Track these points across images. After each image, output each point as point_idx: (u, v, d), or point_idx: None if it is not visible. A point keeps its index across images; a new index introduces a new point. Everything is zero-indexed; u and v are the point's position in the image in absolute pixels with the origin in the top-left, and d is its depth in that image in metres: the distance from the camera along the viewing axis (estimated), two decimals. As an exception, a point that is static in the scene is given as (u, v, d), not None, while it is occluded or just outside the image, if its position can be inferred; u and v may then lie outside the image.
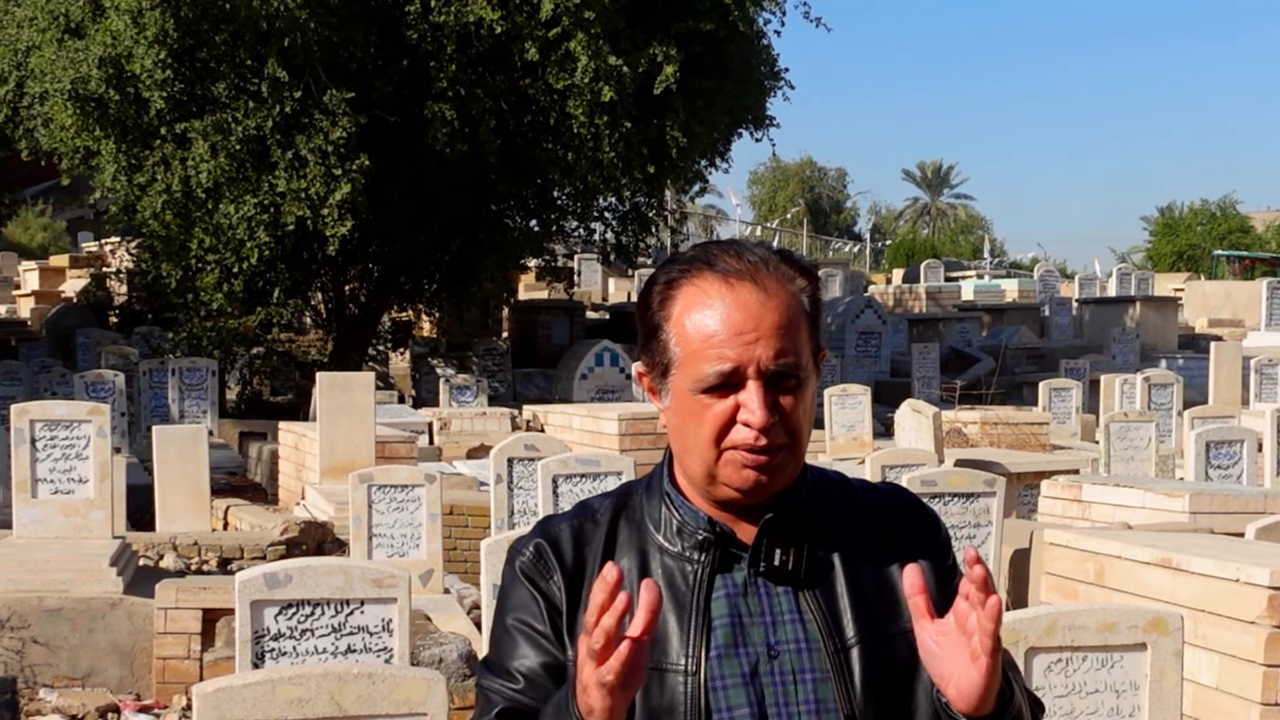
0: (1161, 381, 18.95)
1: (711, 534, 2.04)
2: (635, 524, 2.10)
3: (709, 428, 1.99)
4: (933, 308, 33.03)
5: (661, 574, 2.04)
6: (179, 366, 18.20)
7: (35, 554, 9.38)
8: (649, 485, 2.13)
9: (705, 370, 1.97)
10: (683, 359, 2.00)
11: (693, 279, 2.01)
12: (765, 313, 1.99)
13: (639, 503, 2.12)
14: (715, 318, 1.98)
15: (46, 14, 17.57)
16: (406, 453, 13.13)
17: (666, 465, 2.12)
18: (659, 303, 2.04)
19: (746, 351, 1.97)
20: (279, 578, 5.85)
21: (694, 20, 18.34)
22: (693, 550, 2.04)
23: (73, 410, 10.09)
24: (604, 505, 2.13)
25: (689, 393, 2.00)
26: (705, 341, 1.98)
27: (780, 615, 2.02)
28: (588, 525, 2.11)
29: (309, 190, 17.06)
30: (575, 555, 2.07)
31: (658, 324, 2.04)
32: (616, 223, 21.88)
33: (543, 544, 2.08)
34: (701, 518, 2.05)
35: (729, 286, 1.99)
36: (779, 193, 73.44)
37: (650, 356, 2.06)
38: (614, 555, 2.07)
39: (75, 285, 30.44)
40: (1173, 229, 54.27)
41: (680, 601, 2.02)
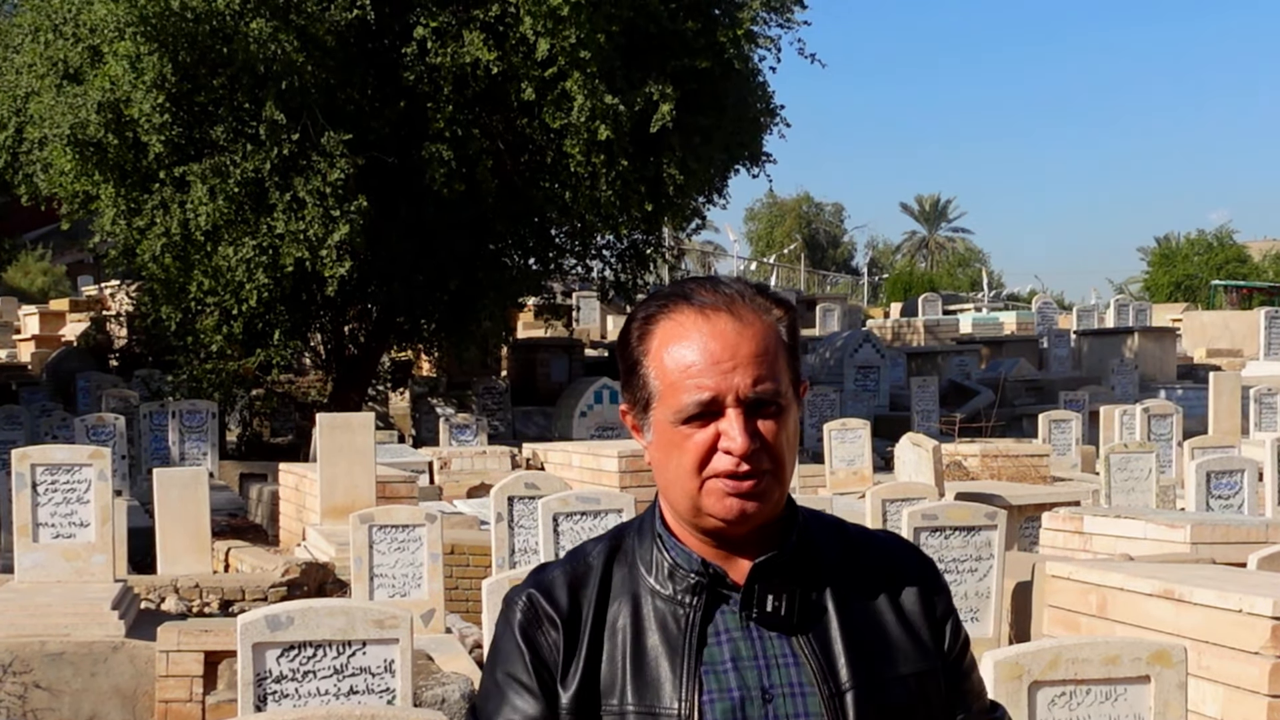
0: (1161, 412, 18.96)
1: (704, 576, 2.03)
2: (628, 567, 2.09)
3: (690, 457, 1.99)
4: (931, 341, 33.05)
5: (654, 618, 2.03)
6: (179, 409, 18.20)
7: (37, 598, 9.36)
8: (641, 527, 2.13)
9: (684, 400, 1.98)
10: (662, 392, 2.01)
11: (669, 314, 2.03)
12: (742, 341, 2.00)
13: (631, 545, 2.11)
14: (692, 349, 2.00)
15: (45, 60, 17.65)
16: (407, 492, 13.13)
17: (657, 506, 2.12)
18: (637, 339, 2.05)
19: (725, 380, 1.98)
20: (281, 620, 5.85)
21: (689, 59, 18.43)
22: (684, 594, 2.04)
23: (73, 454, 10.10)
24: (597, 550, 2.12)
25: (669, 425, 2.00)
26: (683, 373, 1.99)
27: (774, 658, 2.01)
28: (581, 571, 2.09)
29: (307, 232, 17.11)
30: (570, 602, 2.06)
31: (636, 360, 2.05)
32: (615, 260, 21.93)
33: (535, 595, 2.07)
34: (694, 559, 2.04)
35: (705, 318, 2.01)
36: (776, 228, 73.55)
37: (631, 393, 2.07)
38: (608, 600, 2.06)
39: (75, 329, 30.48)
40: (1170, 259, 54.35)
41: (673, 645, 2.01)
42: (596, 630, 2.04)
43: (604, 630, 2.04)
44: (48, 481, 9.80)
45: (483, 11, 17.73)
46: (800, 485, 16.47)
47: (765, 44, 19.92)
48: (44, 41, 17.70)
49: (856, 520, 8.23)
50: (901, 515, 8.94)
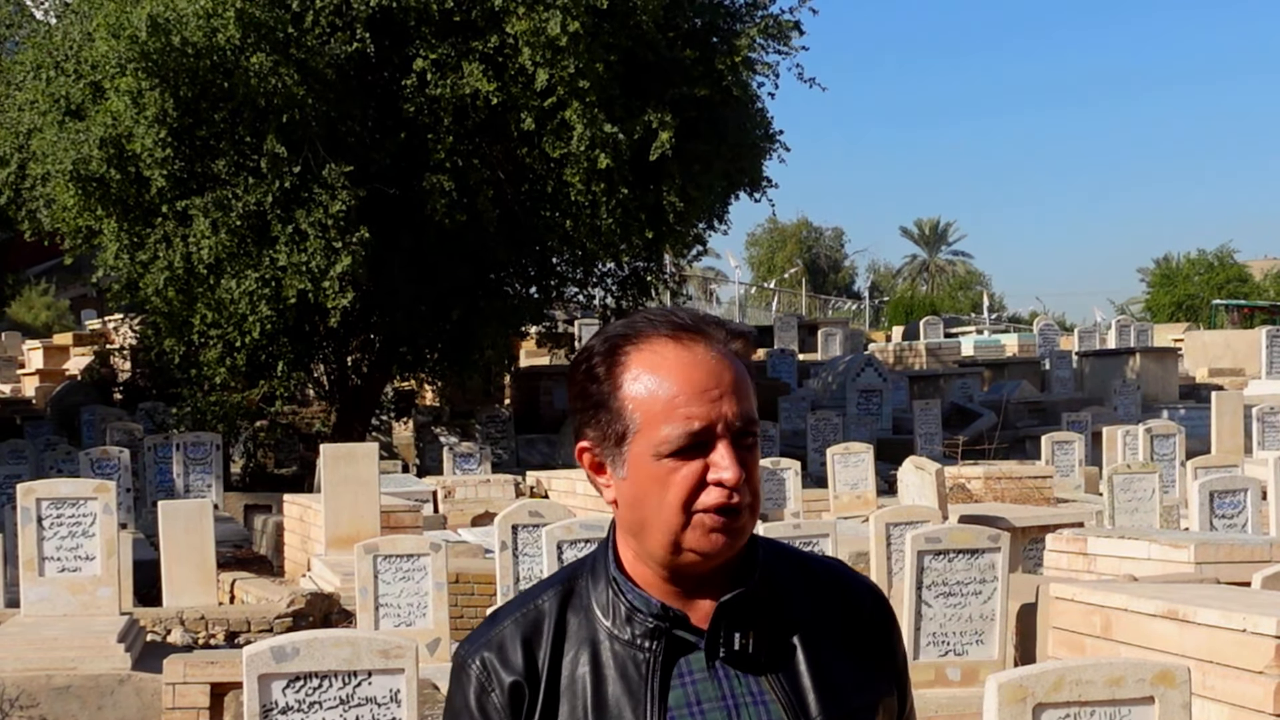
0: (1164, 432, 18.97)
1: (664, 620, 1.97)
2: (583, 611, 2.01)
3: (677, 492, 1.92)
4: (933, 364, 33.06)
5: (613, 663, 1.97)
6: (183, 441, 18.23)
7: (43, 632, 9.39)
8: (594, 568, 2.05)
9: (672, 432, 1.92)
10: (642, 424, 1.94)
11: (640, 344, 1.96)
12: (723, 370, 1.95)
13: (584, 588, 2.03)
14: (675, 378, 1.93)
15: (47, 97, 17.75)
16: (411, 522, 13.15)
17: (611, 547, 2.04)
18: (605, 372, 1.97)
19: (714, 409, 1.93)
20: (286, 651, 5.87)
21: (688, 86, 18.51)
22: (643, 638, 1.97)
23: (78, 488, 10.14)
24: (548, 595, 2.04)
25: (651, 459, 1.93)
26: (669, 403, 1.92)
27: (742, 698, 1.97)
28: (533, 619, 2.02)
29: (310, 263, 17.17)
30: (525, 658, 1.99)
31: (606, 394, 1.96)
32: (616, 288, 21.97)
33: (488, 658, 2.00)
34: (653, 603, 1.98)
35: (683, 346, 1.95)
36: (777, 253, 73.63)
37: (599, 429, 1.98)
38: (563, 650, 1.99)
39: (79, 363, 30.52)
40: (1170, 279, 54.37)
41: (634, 692, 1.95)
42: (552, 684, 1.98)
43: (559, 684, 1.98)
44: (53, 515, 9.83)
45: (482, 43, 17.82)
46: (804, 509, 16.48)
47: (763, 71, 20.02)
48: (46, 78, 17.80)
49: (860, 546, 8.32)
50: (905, 538, 8.96)
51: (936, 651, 8.51)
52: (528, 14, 17.18)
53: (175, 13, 16.34)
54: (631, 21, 17.97)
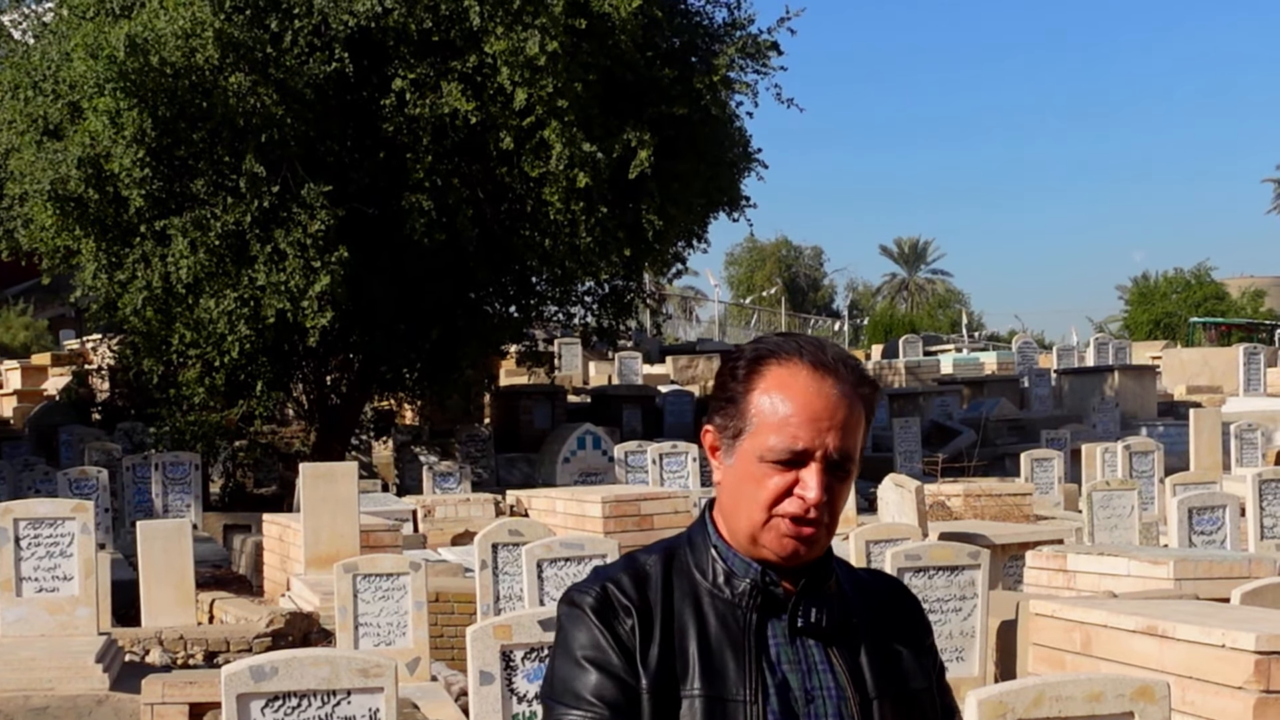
0: (1142, 449, 19.03)
1: (760, 581, 2.25)
2: (684, 573, 2.29)
3: (766, 494, 2.22)
4: (912, 382, 33.11)
5: (714, 616, 2.24)
6: (162, 461, 18.16)
7: (20, 652, 9.34)
8: (691, 540, 2.33)
9: (777, 445, 2.21)
10: (757, 428, 2.23)
11: (782, 362, 2.25)
12: (840, 407, 2.23)
13: (684, 555, 2.31)
14: (796, 401, 2.22)
15: (25, 117, 17.70)
16: (391, 541, 13.10)
17: (709, 522, 2.33)
18: (745, 375, 2.26)
19: (818, 437, 2.21)
20: (265, 670, 5.85)
21: (666, 105, 18.55)
22: (741, 596, 2.25)
23: (56, 508, 10.10)
24: (652, 558, 2.31)
25: (754, 458, 2.23)
26: (783, 420, 2.22)
27: (814, 664, 2.25)
28: (642, 574, 2.28)
29: (289, 283, 17.14)
30: (640, 597, 2.24)
31: (739, 392, 2.26)
32: (596, 306, 21.98)
33: (609, 587, 2.24)
34: (754, 567, 2.25)
35: (816, 376, 2.24)
36: (756, 272, 73.75)
37: (725, 419, 2.28)
38: (673, 598, 2.25)
39: (57, 383, 30.39)
40: (1148, 298, 54.61)
41: (734, 641, 2.22)
42: (666, 623, 2.22)
43: (673, 623, 2.23)
44: (31, 535, 9.80)
45: (460, 63, 17.83)
46: (784, 528, 16.44)
47: (742, 90, 20.05)
48: (24, 98, 17.75)
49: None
50: (885, 556, 8.97)
51: (917, 668, 8.50)
52: (506, 34, 17.21)
53: (153, 33, 16.33)
54: (610, 41, 18.01)
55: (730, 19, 20.52)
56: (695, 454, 18.87)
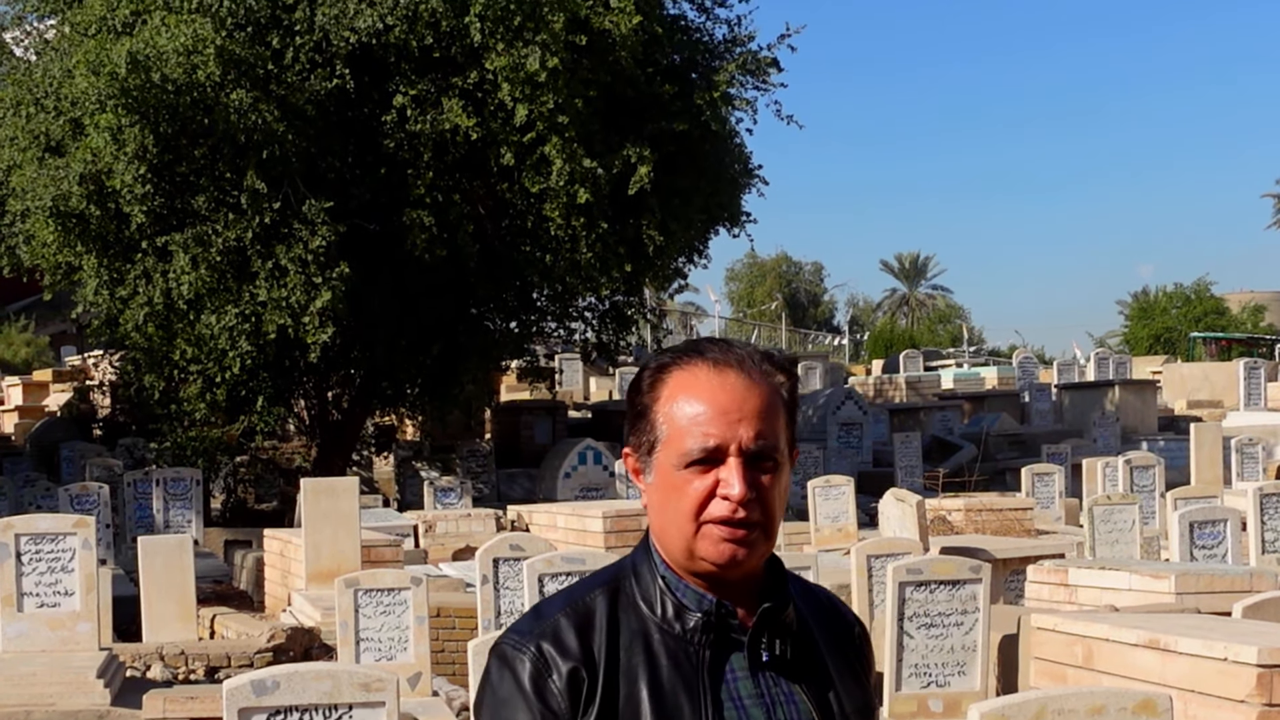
0: (1143, 464, 19.03)
1: (714, 614, 2.13)
2: (631, 608, 2.15)
3: (689, 501, 2.10)
4: (913, 397, 33.12)
5: (665, 655, 2.11)
6: (163, 476, 18.17)
7: (21, 668, 9.34)
8: (635, 570, 2.20)
9: (690, 446, 2.10)
10: (668, 436, 2.13)
11: (683, 366, 2.16)
12: (749, 397, 2.13)
13: (630, 587, 2.18)
14: (702, 399, 2.12)
15: (27, 134, 17.72)
16: (392, 556, 13.11)
17: (651, 549, 2.20)
18: (649, 386, 2.17)
19: (730, 430, 2.10)
20: (267, 685, 5.85)
21: (667, 121, 18.57)
22: (693, 633, 2.13)
23: (58, 523, 10.11)
24: (596, 593, 2.17)
25: (672, 469, 2.12)
26: (691, 420, 2.11)
27: (777, 697, 2.13)
28: (584, 614, 2.14)
29: (290, 299, 17.16)
30: (581, 646, 2.10)
31: (647, 405, 2.16)
32: (596, 322, 21.99)
33: (545, 646, 2.10)
34: (706, 599, 2.14)
35: (717, 372, 2.14)
36: (757, 288, 73.80)
37: (638, 437, 2.18)
38: (619, 640, 2.12)
39: (59, 399, 30.41)
40: (1148, 313, 54.63)
41: (688, 681, 2.09)
42: (611, 672, 2.09)
43: (619, 671, 2.09)
44: (32, 551, 9.80)
45: (461, 79, 17.87)
46: (785, 542, 16.47)
47: (742, 106, 20.08)
48: (26, 115, 17.78)
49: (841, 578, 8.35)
50: (886, 570, 8.97)
51: (918, 683, 8.51)
52: (507, 50, 17.25)
53: (155, 49, 16.36)
54: (611, 57, 18.05)
55: (730, 36, 20.57)
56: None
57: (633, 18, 17.50)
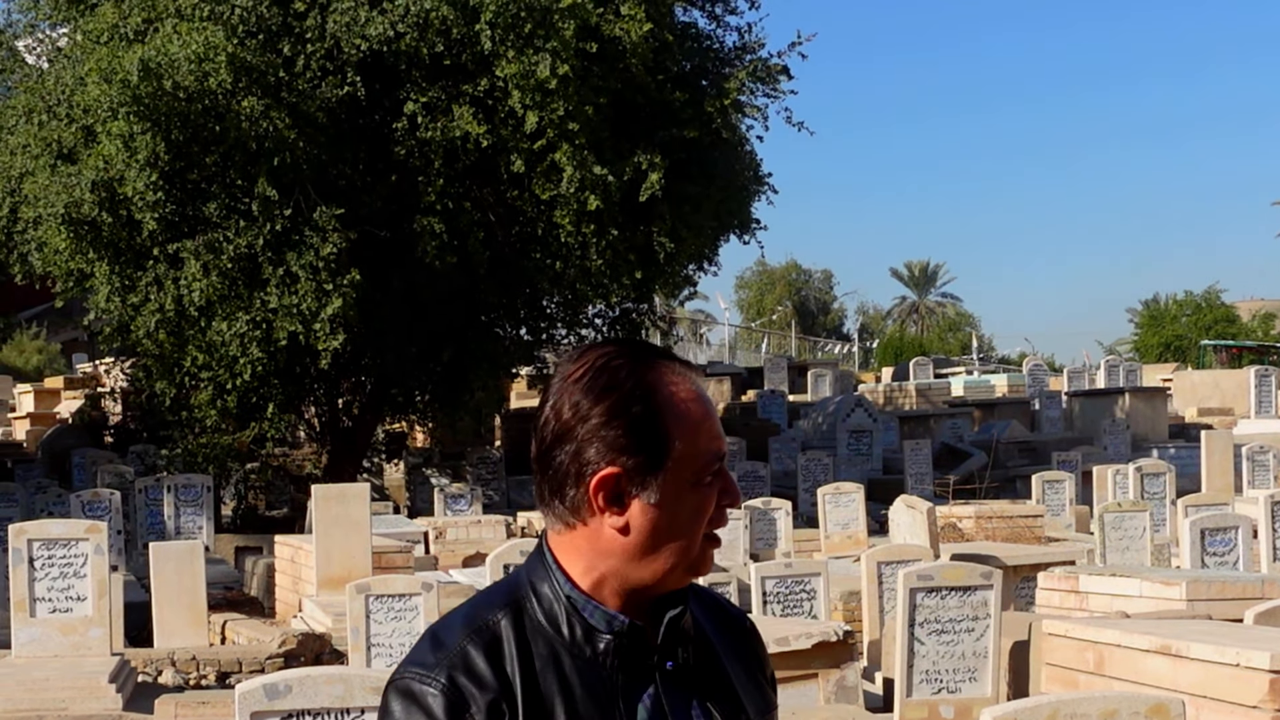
0: (1154, 471, 19.00)
1: (625, 635, 2.00)
2: (539, 632, 2.00)
3: (704, 516, 1.99)
4: (923, 405, 33.11)
5: (578, 681, 1.98)
6: (174, 483, 18.21)
7: (34, 673, 9.37)
8: (535, 589, 2.04)
9: (707, 455, 1.98)
10: (684, 450, 1.97)
11: (661, 372, 2.00)
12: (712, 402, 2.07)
13: (533, 609, 2.02)
14: (699, 405, 2.00)
15: (40, 141, 17.79)
16: (403, 562, 13.14)
17: (554, 567, 2.03)
18: (645, 397, 1.97)
19: (722, 437, 2.04)
20: (279, 688, 5.87)
21: (677, 128, 18.61)
22: (604, 655, 1.99)
23: (70, 529, 10.14)
24: (497, 614, 2.02)
25: (687, 484, 1.97)
26: (697, 428, 1.98)
27: (690, 712, 2.03)
28: (490, 640, 1.99)
29: (301, 306, 17.20)
30: (496, 676, 1.96)
31: (645, 417, 1.97)
32: (606, 329, 22.02)
33: (460, 680, 1.94)
34: (618, 620, 2.00)
35: (691, 376, 2.02)
36: (766, 296, 73.81)
37: (636, 454, 1.97)
38: (533, 666, 1.97)
39: (70, 406, 30.50)
40: (1158, 320, 54.54)
41: (600, 705, 1.97)
42: (529, 702, 1.95)
43: (537, 701, 1.96)
44: (44, 556, 9.84)
45: (472, 86, 17.91)
46: (795, 549, 16.48)
47: (752, 113, 20.12)
48: (38, 122, 17.84)
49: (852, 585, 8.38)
50: (898, 576, 8.97)
51: (930, 689, 8.51)
52: (517, 57, 17.29)
53: (167, 57, 16.41)
54: (621, 65, 18.09)
55: (741, 43, 20.64)
56: (706, 476, 18.84)
57: (643, 25, 17.54)
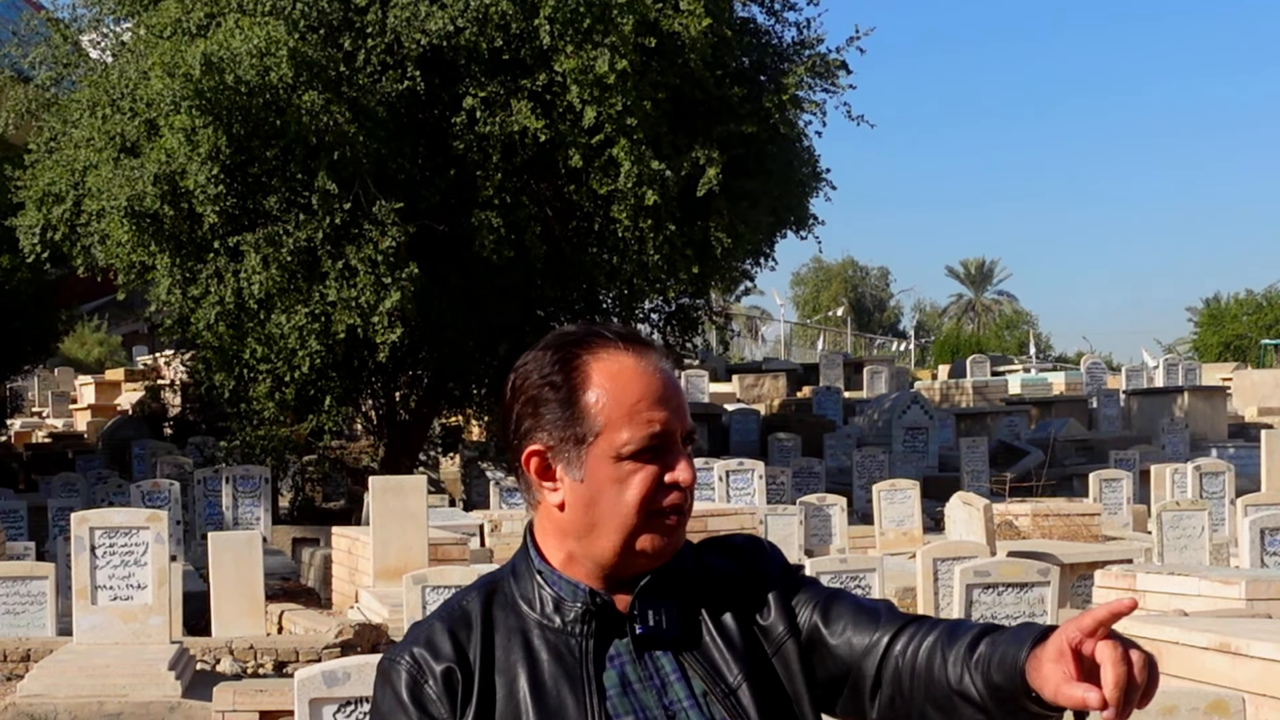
0: (1213, 470, 18.82)
1: (592, 605, 2.03)
2: (509, 607, 2.07)
3: (635, 492, 2.00)
4: (980, 402, 32.93)
5: (546, 650, 2.02)
6: (233, 474, 18.38)
7: (95, 659, 9.49)
8: (514, 570, 2.11)
9: (638, 433, 2.00)
10: (606, 425, 2.01)
11: (597, 350, 2.04)
12: (672, 382, 2.07)
13: (508, 587, 2.09)
14: (638, 383, 2.02)
15: (103, 134, 17.97)
16: (459, 554, 13.20)
17: (532, 547, 2.10)
18: (563, 379, 2.03)
19: (674, 416, 2.03)
20: (337, 675, 5.93)
21: (735, 124, 18.59)
22: (574, 624, 2.03)
23: (131, 517, 10.26)
24: (471, 596, 2.09)
25: (610, 460, 2.00)
26: (633, 406, 2.01)
27: (667, 676, 2.03)
28: (458, 617, 2.06)
29: (359, 299, 17.30)
30: (454, 647, 2.02)
31: (566, 398, 2.02)
32: (662, 324, 22.03)
33: (417, 651, 2.02)
34: (581, 590, 2.04)
35: (638, 355, 2.05)
36: (822, 292, 73.65)
37: (556, 430, 2.03)
38: (494, 640, 2.03)
39: (130, 398, 30.86)
40: (1218, 319, 54.01)
41: (571, 675, 2.00)
42: (486, 670, 2.01)
43: (494, 669, 2.01)
44: (106, 544, 9.95)
45: (530, 81, 17.97)
46: (850, 545, 16.44)
47: (811, 109, 20.06)
48: (102, 116, 18.03)
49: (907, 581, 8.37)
50: (954, 573, 8.94)
51: (985, 685, 8.46)
52: (576, 52, 17.33)
53: (229, 52, 16.55)
54: (679, 60, 18.09)
55: (799, 38, 20.56)
56: (761, 471, 18.86)
57: (702, 20, 17.54)
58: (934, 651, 2.04)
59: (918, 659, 2.05)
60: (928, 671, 2.03)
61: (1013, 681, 1.91)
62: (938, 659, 2.03)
